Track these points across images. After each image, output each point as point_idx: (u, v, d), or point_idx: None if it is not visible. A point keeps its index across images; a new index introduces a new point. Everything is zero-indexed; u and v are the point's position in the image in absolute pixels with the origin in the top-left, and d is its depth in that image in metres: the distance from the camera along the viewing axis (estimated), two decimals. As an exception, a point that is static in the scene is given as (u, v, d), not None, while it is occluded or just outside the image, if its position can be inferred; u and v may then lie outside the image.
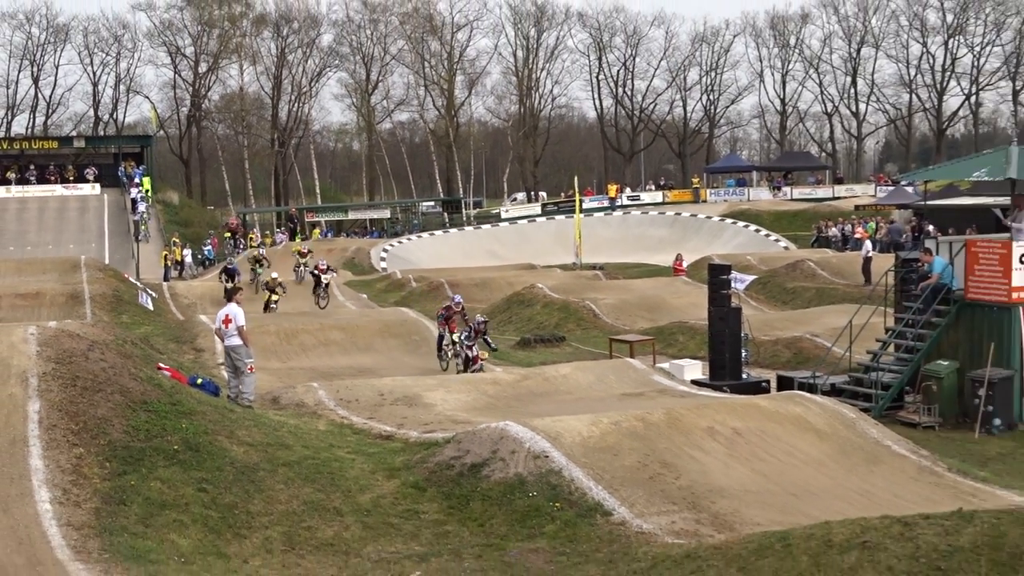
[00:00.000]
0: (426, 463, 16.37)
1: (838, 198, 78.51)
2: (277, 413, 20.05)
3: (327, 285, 41.15)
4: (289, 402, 21.53)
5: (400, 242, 69.33)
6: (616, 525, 14.30)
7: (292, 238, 74.21)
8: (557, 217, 73.50)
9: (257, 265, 40.17)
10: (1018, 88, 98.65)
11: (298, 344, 30.94)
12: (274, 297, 37.98)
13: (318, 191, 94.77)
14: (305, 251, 47.78)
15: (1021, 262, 23.91)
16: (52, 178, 75.41)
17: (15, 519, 13.38)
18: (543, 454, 15.87)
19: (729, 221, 69.38)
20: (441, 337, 28.15)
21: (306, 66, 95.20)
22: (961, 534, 12.02)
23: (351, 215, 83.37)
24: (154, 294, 43.17)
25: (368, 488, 15.62)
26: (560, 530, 14.34)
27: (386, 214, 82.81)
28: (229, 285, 32.63)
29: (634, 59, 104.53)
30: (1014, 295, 23.84)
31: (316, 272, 41.32)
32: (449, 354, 27.71)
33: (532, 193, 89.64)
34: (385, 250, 64.62)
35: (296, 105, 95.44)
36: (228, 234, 43.58)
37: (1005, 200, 27.82)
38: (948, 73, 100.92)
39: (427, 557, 13.84)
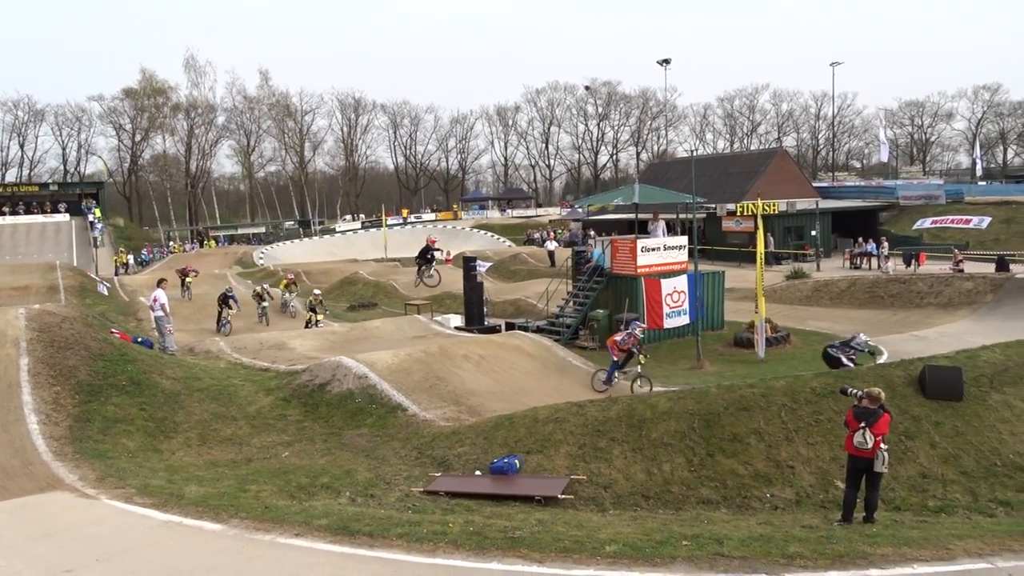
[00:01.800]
0: (291, 384, 15.91)
1: (538, 216, 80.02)
2: (192, 358, 19.07)
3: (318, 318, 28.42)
4: (200, 351, 20.48)
5: (272, 247, 66.89)
6: (410, 416, 14.28)
7: (201, 246, 71.75)
8: (371, 230, 72.19)
9: (260, 300, 29.69)
10: (640, 151, 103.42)
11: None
12: (317, 317, 27.45)
13: (218, 216, 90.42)
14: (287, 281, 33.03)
15: (643, 251, 25.02)
16: (35, 211, 71.83)
17: (12, 435, 12.41)
18: (364, 375, 15.68)
19: (476, 230, 69.84)
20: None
21: (207, 136, 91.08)
22: (611, 410, 12.54)
23: (240, 231, 79.83)
24: (108, 285, 40.49)
25: (253, 402, 15.07)
26: (376, 421, 14.21)
27: (262, 229, 79.71)
28: (225, 310, 27.37)
29: (416, 132, 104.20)
30: (638, 270, 24.90)
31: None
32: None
33: (355, 215, 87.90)
34: (262, 252, 62.45)
35: (201, 161, 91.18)
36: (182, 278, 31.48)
37: (630, 216, 29.00)
38: (599, 142, 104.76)
39: (292, 443, 13.49)
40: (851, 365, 15.69)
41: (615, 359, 17.82)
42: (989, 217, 45.01)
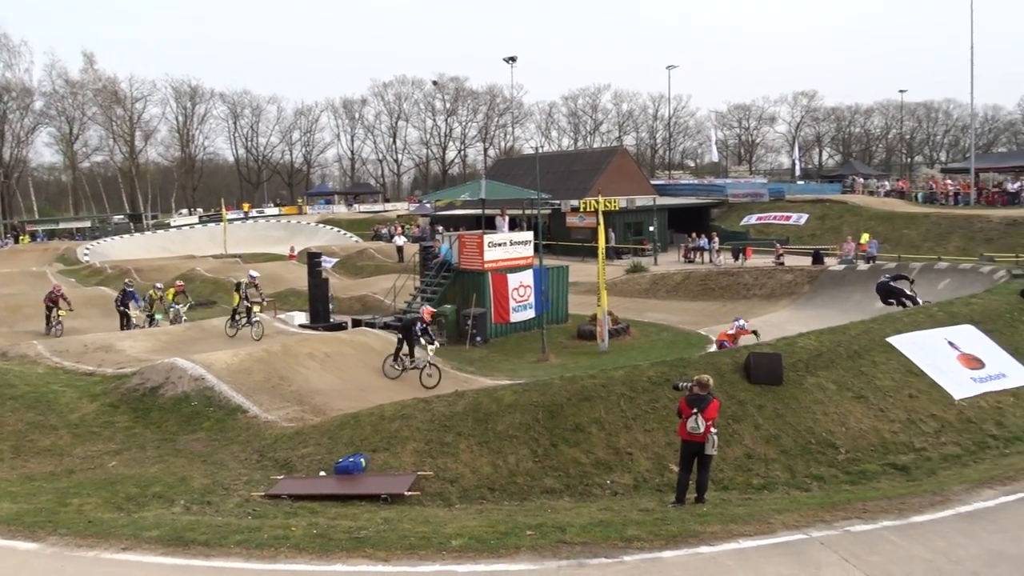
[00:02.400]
0: (119, 389, 14.98)
1: (386, 211, 78.82)
2: (5, 363, 17.55)
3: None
4: (15, 355, 18.87)
5: (99, 243, 62.43)
6: (251, 418, 13.79)
7: (16, 242, 65.99)
8: (210, 224, 68.83)
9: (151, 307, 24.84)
10: (487, 147, 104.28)
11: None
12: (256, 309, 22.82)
13: (36, 209, 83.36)
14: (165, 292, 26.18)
15: (490, 246, 25.24)
16: None
17: None
18: (201, 377, 14.99)
19: (322, 225, 68.10)
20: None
21: (23, 123, 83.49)
22: (457, 404, 12.60)
23: (61, 225, 73.93)
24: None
25: (76, 409, 14.07)
26: (214, 425, 13.63)
27: (87, 224, 74.15)
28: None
29: (257, 123, 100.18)
30: (485, 265, 25.12)
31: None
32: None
33: (192, 209, 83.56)
34: (88, 248, 58.11)
35: (16, 150, 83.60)
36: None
37: (478, 211, 29.10)
38: (447, 137, 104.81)
39: (120, 451, 12.70)
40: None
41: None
42: (806, 214, 48.54)
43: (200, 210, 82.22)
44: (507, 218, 26.99)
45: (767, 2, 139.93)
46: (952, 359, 13.73)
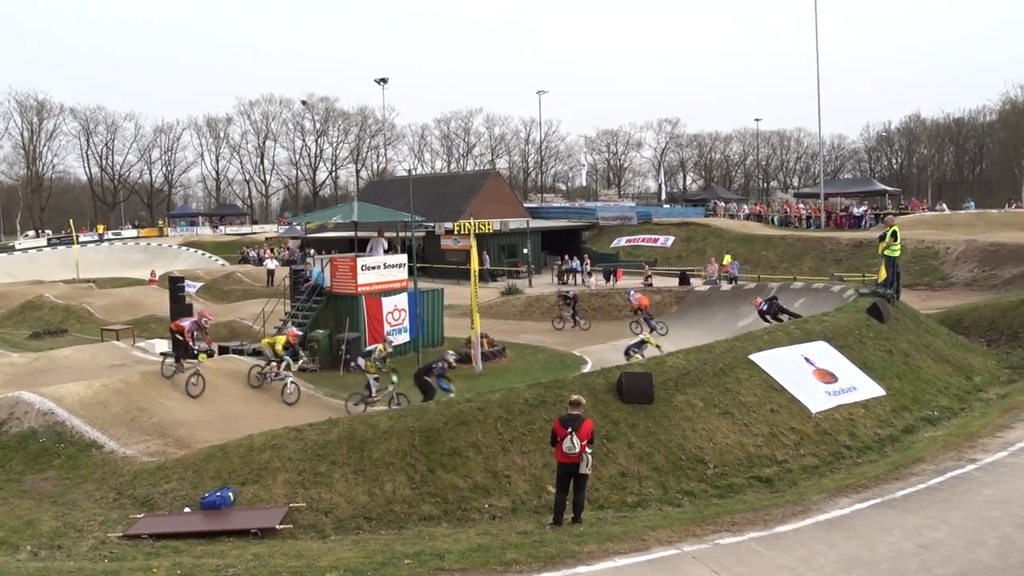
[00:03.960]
0: (-46, 427, 13.76)
1: (255, 233, 76.29)
2: None
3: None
4: None
5: (-70, 268, 57.49)
6: (107, 454, 13.00)
7: None
8: (60, 247, 64.46)
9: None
10: (359, 169, 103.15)
11: None
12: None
13: None
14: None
15: (363, 270, 24.86)
16: None
17: None
18: (50, 411, 14.02)
19: (185, 248, 64.82)
20: None
21: None
22: (331, 432, 12.31)
23: None
24: None
25: (-96, 451, 12.83)
26: (65, 462, 12.76)
27: (-84, 247, 68.27)
28: None
29: (112, 141, 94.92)
30: (359, 289, 24.70)
31: None
32: None
33: (40, 231, 78.14)
34: (-84, 274, 53.35)
35: None
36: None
37: (350, 234, 28.59)
38: (318, 158, 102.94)
39: (-44, 495, 11.65)
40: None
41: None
42: (673, 236, 50.54)
43: (49, 232, 77.26)
44: (385, 239, 26.69)
45: (633, 33, 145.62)
46: (808, 374, 14.56)
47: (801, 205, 57.63)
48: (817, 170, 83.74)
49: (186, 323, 17.97)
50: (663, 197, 78.08)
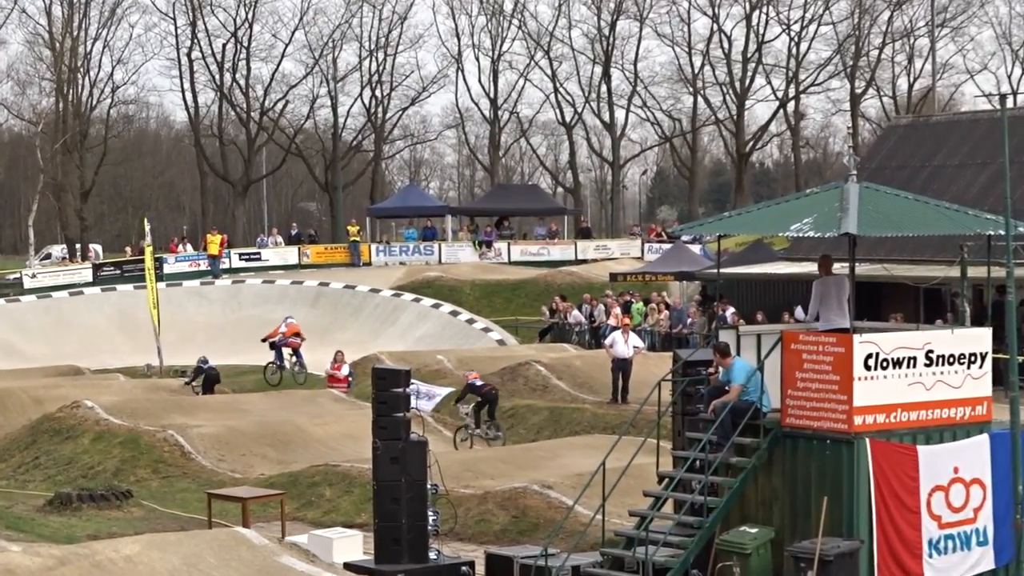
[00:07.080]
0: None
1: (584, 261, 37.36)
2: None
3: None
4: None
5: None
6: None
7: None
8: (120, 287, 34.76)
9: None
10: (858, 91, 45.10)
11: None
12: None
13: None
14: None
15: (867, 367, 9.58)
16: None
17: None
18: None
19: (408, 297, 33.23)
20: None
21: None
22: None
23: None
24: None
25: None
26: None
27: None
28: None
29: (250, 26, 45.93)
30: (856, 420, 9.57)
31: None
32: None
33: (78, 246, 42.56)
34: None
35: None
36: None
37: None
38: (753, 65, 45.67)
39: None
40: None
41: None
42: None
43: (98, 249, 56.56)
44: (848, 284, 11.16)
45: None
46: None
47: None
48: None
49: None
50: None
